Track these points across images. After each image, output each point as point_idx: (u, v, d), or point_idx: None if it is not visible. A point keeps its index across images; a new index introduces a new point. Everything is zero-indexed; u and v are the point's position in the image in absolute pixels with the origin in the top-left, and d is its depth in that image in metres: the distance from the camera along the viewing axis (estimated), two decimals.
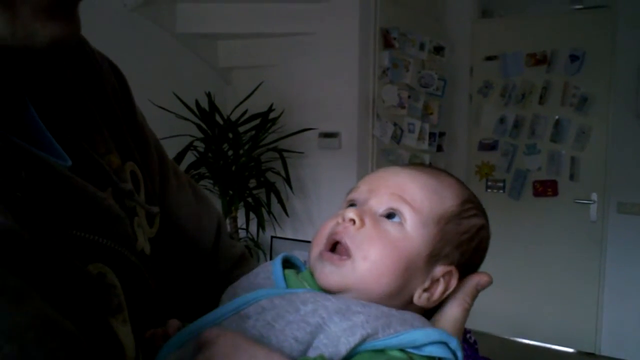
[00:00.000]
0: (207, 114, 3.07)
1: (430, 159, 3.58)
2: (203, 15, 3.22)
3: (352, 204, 0.62)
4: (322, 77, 3.25)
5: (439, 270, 0.58)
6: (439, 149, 3.77)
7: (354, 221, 0.57)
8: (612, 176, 3.71)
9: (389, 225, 0.57)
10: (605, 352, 3.81)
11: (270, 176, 3.21)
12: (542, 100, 3.88)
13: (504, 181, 4.04)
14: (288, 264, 0.62)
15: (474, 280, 0.60)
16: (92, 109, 0.55)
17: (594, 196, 3.76)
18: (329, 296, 0.53)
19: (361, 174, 3.26)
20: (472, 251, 0.60)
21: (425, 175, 0.61)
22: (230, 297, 0.58)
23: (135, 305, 0.47)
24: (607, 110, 3.71)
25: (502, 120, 4.01)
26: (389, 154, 3.40)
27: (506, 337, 3.95)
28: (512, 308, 3.95)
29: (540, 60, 3.88)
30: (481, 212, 0.63)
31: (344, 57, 3.19)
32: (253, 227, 3.24)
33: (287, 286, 0.57)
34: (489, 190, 4.04)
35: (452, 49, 3.83)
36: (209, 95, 3.12)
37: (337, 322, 0.49)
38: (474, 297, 0.60)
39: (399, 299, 0.57)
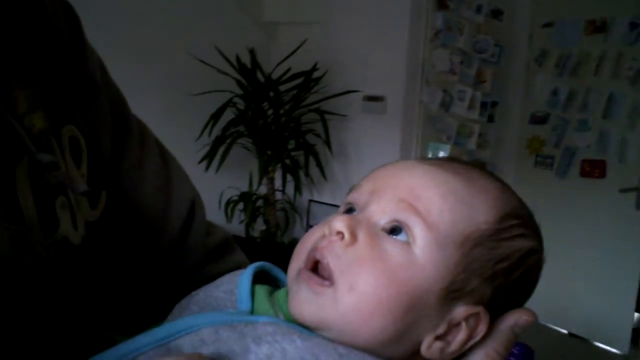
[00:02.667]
0: (248, 70, 2.97)
1: (479, 129, 3.40)
2: None
3: (350, 209, 0.47)
4: (370, 37, 3.09)
5: (461, 311, 0.42)
6: (490, 119, 3.58)
7: (343, 235, 0.42)
8: None
9: (390, 245, 0.42)
10: None
11: (310, 138, 3.10)
12: (597, 71, 3.58)
13: (553, 158, 3.79)
14: (269, 276, 0.48)
15: (509, 320, 0.44)
16: (14, 55, 0.44)
17: None
18: (296, 335, 0.39)
19: (405, 141, 3.12)
20: (512, 285, 0.44)
21: (450, 175, 0.45)
22: (181, 313, 0.45)
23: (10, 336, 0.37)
24: None
25: (554, 93, 3.74)
26: (436, 122, 3.24)
27: (540, 322, 3.76)
28: (547, 291, 3.70)
29: (599, 27, 3.57)
30: (530, 231, 0.46)
31: (395, 16, 3.02)
32: (290, 190, 3.16)
33: (252, 309, 0.43)
34: (537, 167, 3.80)
35: (511, 13, 3.60)
36: (251, 51, 3.01)
37: None
38: (510, 344, 0.44)
39: (398, 347, 0.42)
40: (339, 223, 0.42)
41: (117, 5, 2.54)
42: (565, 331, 3.77)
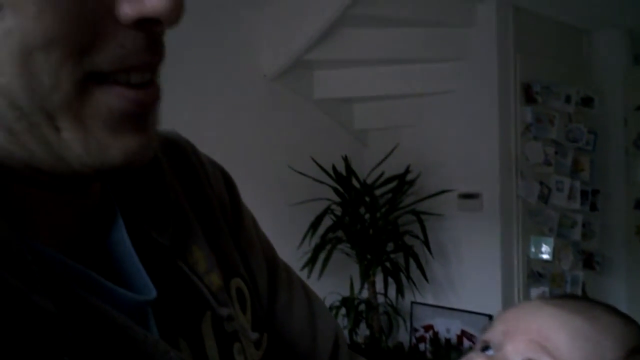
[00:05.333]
0: (343, 178, 3.07)
1: (582, 219, 3.29)
2: (339, 81, 3.27)
3: (486, 347, 0.53)
4: (461, 136, 3.14)
5: None
6: (593, 208, 3.46)
7: None
8: None
9: None
10: None
11: (409, 240, 3.11)
12: None
13: None
14: None
15: None
16: (194, 222, 0.52)
17: None
18: None
19: (506, 237, 3.06)
20: None
21: (574, 315, 0.49)
22: None
23: None
24: None
25: None
26: (535, 215, 3.17)
27: None
28: None
29: None
30: None
31: (484, 114, 3.06)
32: (392, 292, 3.14)
33: None
34: None
35: (602, 100, 3.56)
36: (345, 159, 3.12)
37: None
38: None
39: None
40: None
41: (220, 124, 2.74)
42: None
